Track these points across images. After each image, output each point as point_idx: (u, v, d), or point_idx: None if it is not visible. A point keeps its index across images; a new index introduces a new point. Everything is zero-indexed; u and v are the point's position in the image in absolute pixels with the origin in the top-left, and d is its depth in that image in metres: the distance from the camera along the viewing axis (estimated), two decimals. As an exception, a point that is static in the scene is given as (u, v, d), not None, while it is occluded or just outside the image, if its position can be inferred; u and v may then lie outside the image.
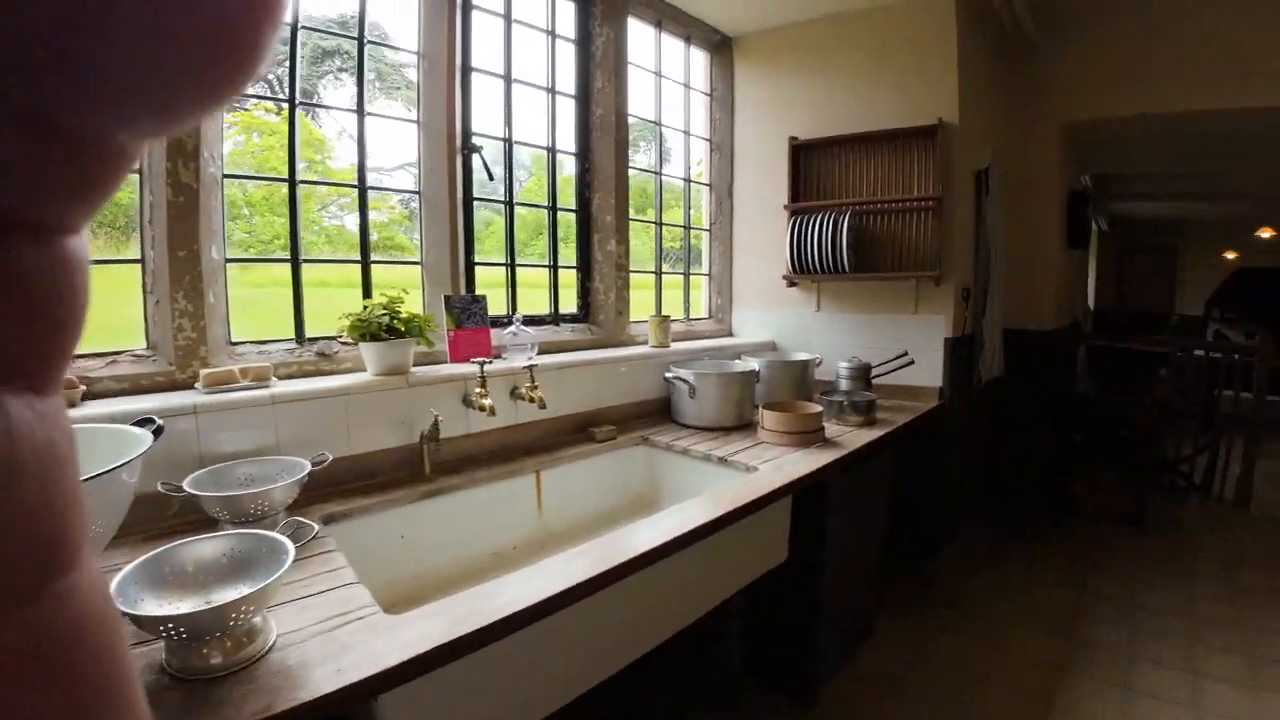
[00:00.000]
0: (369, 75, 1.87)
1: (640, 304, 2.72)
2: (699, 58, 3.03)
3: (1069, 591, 2.88)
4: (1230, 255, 9.04)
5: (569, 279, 2.51)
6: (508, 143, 2.22)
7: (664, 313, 2.52)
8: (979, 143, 2.78)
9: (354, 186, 1.85)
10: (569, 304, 2.51)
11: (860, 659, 2.30)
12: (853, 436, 2.09)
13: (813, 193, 2.85)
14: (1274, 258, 8.63)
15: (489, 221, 2.39)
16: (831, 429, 2.16)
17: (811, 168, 2.86)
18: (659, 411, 2.35)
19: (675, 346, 2.53)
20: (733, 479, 1.75)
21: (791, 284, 2.88)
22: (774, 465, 1.77)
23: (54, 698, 0.15)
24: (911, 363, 2.56)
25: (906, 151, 2.64)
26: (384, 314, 1.60)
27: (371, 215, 1.89)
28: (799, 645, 2.00)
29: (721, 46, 3.03)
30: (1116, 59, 3.13)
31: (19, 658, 0.14)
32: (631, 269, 2.60)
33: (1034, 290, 3.40)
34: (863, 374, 2.52)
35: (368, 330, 1.59)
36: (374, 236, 1.93)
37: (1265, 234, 7.25)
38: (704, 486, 1.78)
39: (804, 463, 1.79)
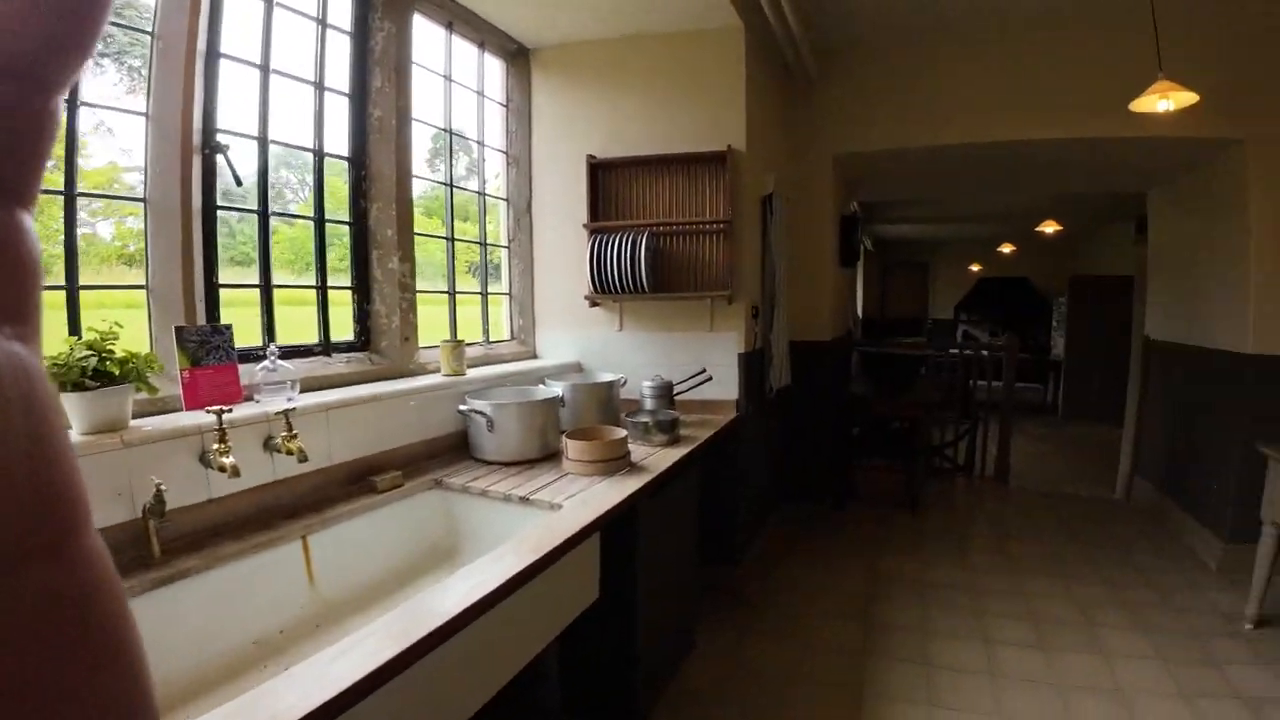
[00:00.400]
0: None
1: (434, 327, 2.53)
2: (494, 66, 2.93)
3: (863, 577, 3.17)
4: (975, 267, 10.78)
5: (343, 300, 2.22)
6: (262, 142, 1.92)
7: (459, 337, 2.34)
8: (764, 170, 2.99)
9: (60, 193, 1.48)
10: (344, 330, 2.21)
11: (684, 674, 2.31)
12: (659, 458, 2.10)
13: (612, 212, 2.87)
14: (1010, 269, 10.50)
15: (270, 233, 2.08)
16: (638, 451, 2.16)
17: (610, 186, 2.88)
18: (455, 448, 2.17)
19: (473, 373, 2.36)
20: (536, 520, 1.64)
21: (594, 304, 2.88)
22: (580, 500, 1.70)
23: (71, 651, 0.16)
24: (710, 379, 2.67)
25: (699, 175, 2.76)
26: (89, 354, 1.29)
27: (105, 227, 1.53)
28: (619, 678, 1.95)
29: (518, 56, 2.95)
30: (879, 98, 3.54)
31: (41, 611, 0.15)
32: (421, 289, 2.40)
33: (813, 305, 3.74)
34: (666, 392, 2.57)
35: (67, 378, 1.27)
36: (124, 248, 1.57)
37: (1006, 249, 8.76)
38: (507, 531, 1.65)
39: (611, 493, 1.75)
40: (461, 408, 2.08)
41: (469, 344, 2.47)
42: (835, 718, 2.12)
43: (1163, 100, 2.36)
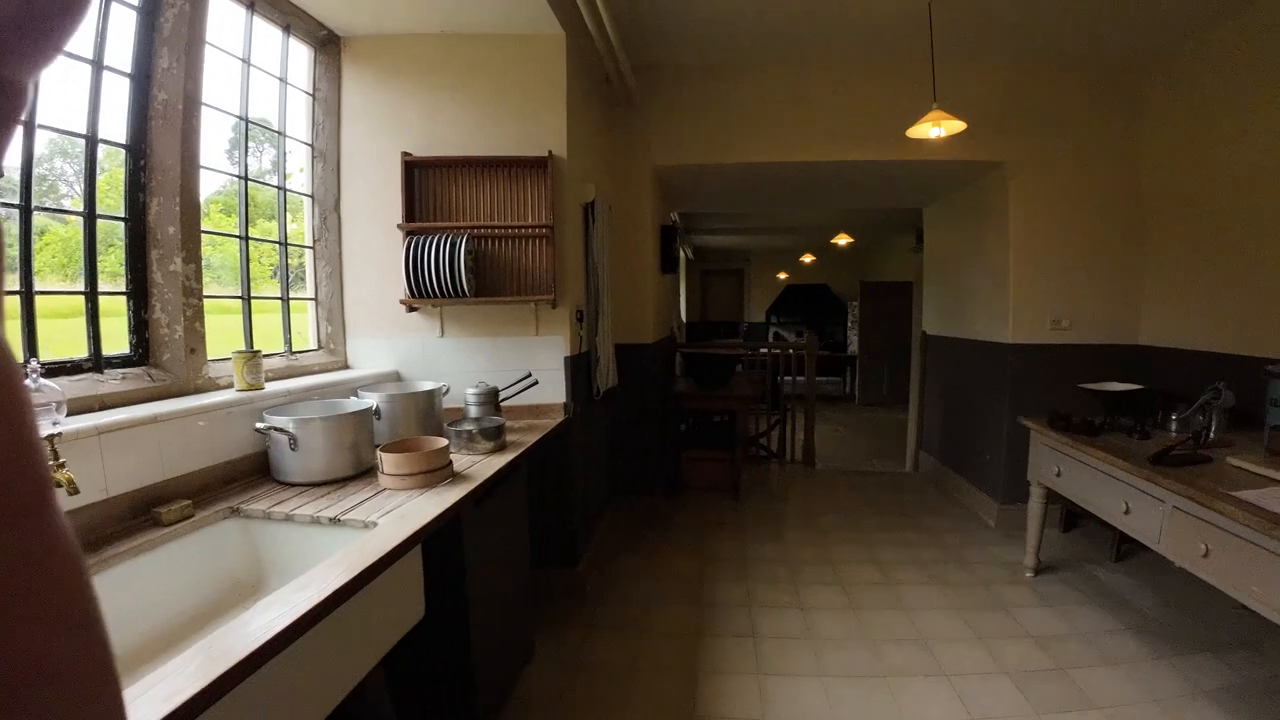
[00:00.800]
0: None
1: (227, 336, 2.24)
2: (301, 53, 2.67)
3: (693, 561, 3.31)
4: (782, 275, 11.85)
5: (117, 308, 1.89)
6: (28, 126, 1.56)
7: (255, 347, 2.08)
8: (586, 178, 3.03)
9: None
10: (119, 342, 1.89)
11: (526, 683, 2.25)
12: (484, 465, 2.04)
13: (430, 213, 2.75)
14: (812, 276, 11.71)
15: (42, 229, 1.72)
16: (462, 460, 2.08)
17: (428, 187, 2.76)
18: (256, 471, 1.93)
19: (274, 387, 2.11)
20: (349, 541, 1.51)
21: (412, 309, 2.73)
22: (397, 515, 1.59)
23: (39, 610, 0.17)
24: (536, 383, 2.65)
25: (521, 179, 2.73)
26: None
27: None
28: (455, 698, 1.85)
29: (328, 44, 2.72)
30: (694, 117, 3.76)
31: (10, 569, 0.16)
32: (213, 294, 2.12)
33: (636, 309, 3.87)
34: (491, 399, 2.50)
35: None
36: None
37: (807, 259, 9.75)
38: (318, 556, 1.49)
39: (430, 505, 1.65)
40: (259, 426, 1.85)
41: (268, 355, 2.22)
42: (674, 698, 2.18)
43: (935, 127, 2.73)
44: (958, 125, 2.67)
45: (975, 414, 4.19)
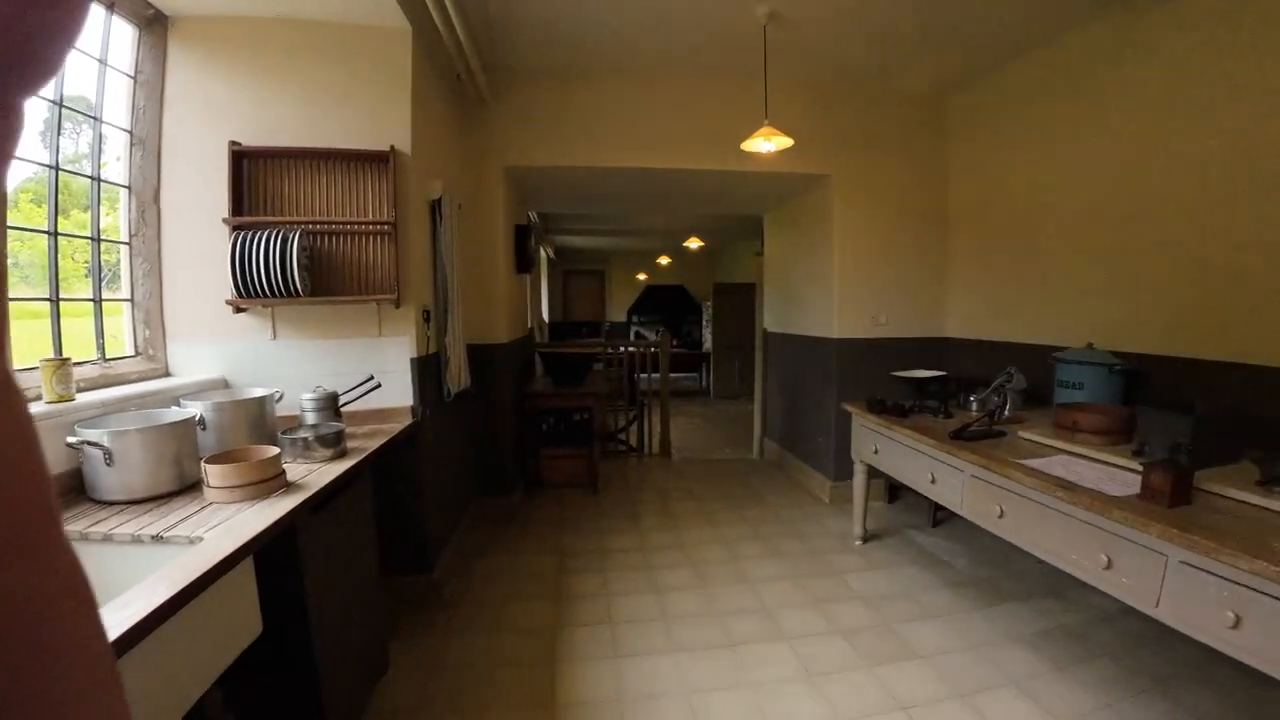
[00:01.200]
0: None
1: (32, 342, 1.99)
2: (124, 31, 2.36)
3: (552, 557, 3.34)
4: (642, 276, 12.19)
5: None
6: None
7: (64, 355, 1.84)
8: (432, 174, 2.95)
9: None
10: None
11: (381, 696, 2.17)
12: (321, 473, 1.94)
13: (260, 207, 2.55)
14: (670, 278, 12.15)
15: None
16: (297, 470, 1.97)
17: (259, 179, 2.56)
18: (68, 490, 1.71)
19: (86, 398, 1.89)
20: (174, 558, 1.38)
21: (240, 310, 2.53)
22: (224, 529, 1.49)
23: (27, 656, 0.16)
24: (379, 386, 2.56)
25: (361, 174, 2.62)
26: None
27: None
28: (301, 714, 1.75)
29: (154, 24, 2.43)
30: (545, 118, 3.77)
31: (11, 611, 0.15)
32: (15, 296, 1.83)
33: (489, 310, 3.83)
34: (330, 404, 2.38)
35: None
36: None
37: (664, 260, 10.08)
38: (141, 576, 1.36)
39: (261, 517, 1.56)
40: (71, 440, 1.64)
41: (79, 363, 1.97)
42: (535, 690, 2.20)
43: (766, 142, 2.96)
44: (786, 141, 2.92)
45: (809, 402, 4.59)
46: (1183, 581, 1.57)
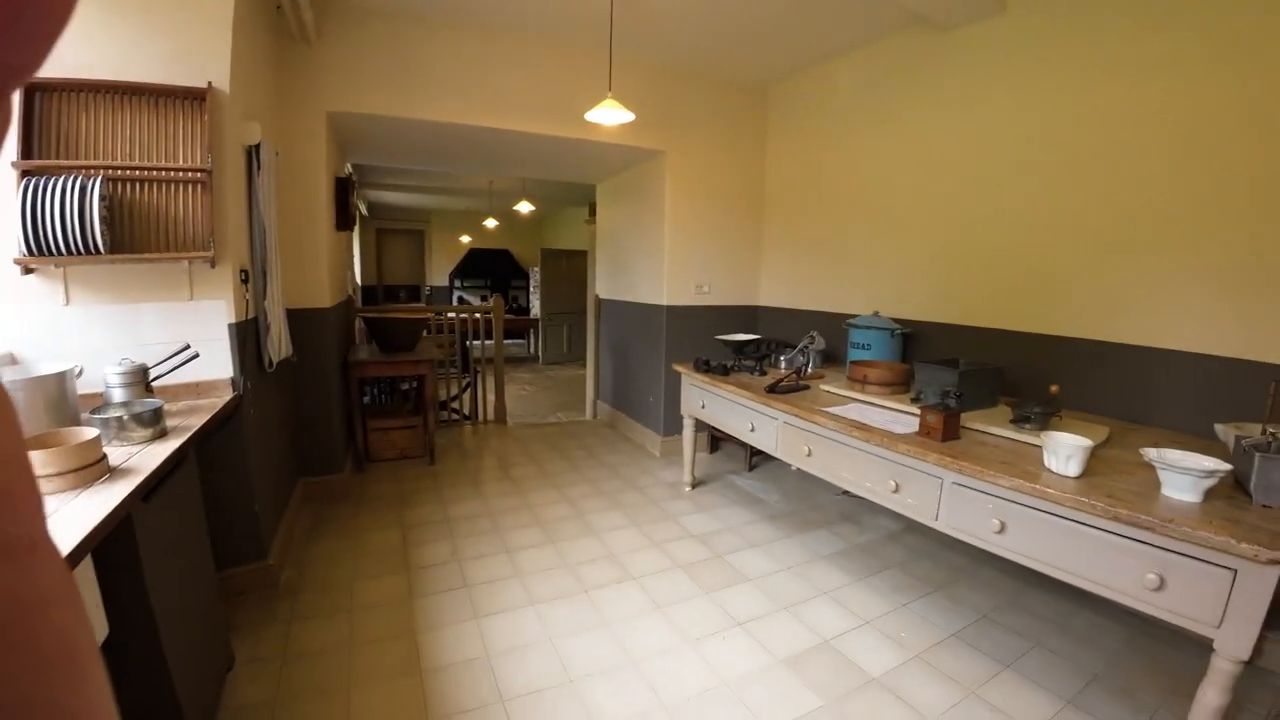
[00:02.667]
0: None
1: None
2: None
3: (395, 531, 3.27)
4: (465, 238, 11.70)
5: None
6: None
7: None
8: (250, 117, 2.64)
9: None
10: None
11: (231, 693, 2.02)
12: (145, 456, 1.76)
13: (54, 150, 2.14)
14: (495, 241, 11.79)
15: None
16: (117, 453, 1.76)
17: (51, 117, 2.13)
18: None
19: None
20: None
21: (29, 271, 2.13)
22: (53, 524, 1.31)
23: (14, 667, 0.15)
24: (196, 356, 2.31)
25: (172, 113, 2.28)
26: None
27: None
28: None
29: None
30: (377, 63, 3.47)
31: (10, 604, 0.15)
32: None
33: (310, 270, 3.52)
34: (140, 378, 2.12)
35: None
36: None
37: (490, 223, 9.74)
38: None
39: (93, 507, 1.40)
40: None
41: None
42: (399, 661, 2.20)
43: (610, 113, 3.04)
44: (627, 115, 3.05)
45: (640, 365, 4.89)
46: (956, 498, 2.02)
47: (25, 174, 2.04)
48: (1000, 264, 3.02)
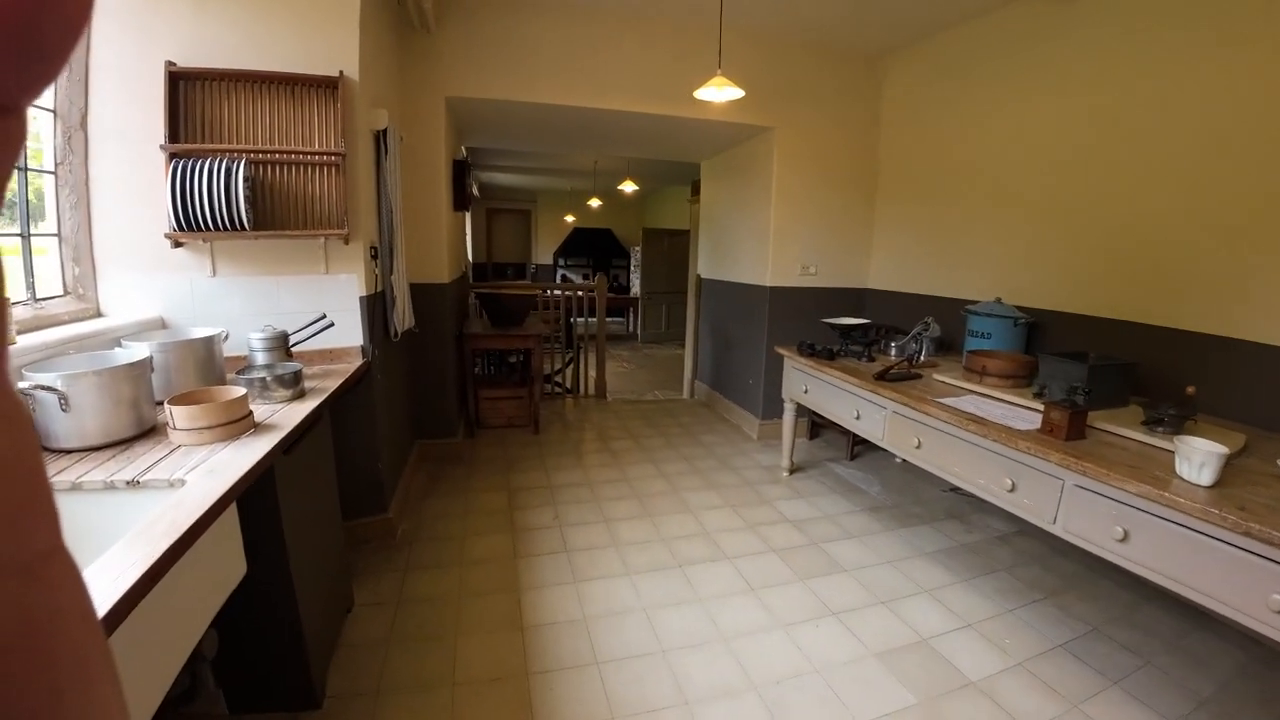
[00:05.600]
0: None
1: None
2: None
3: (502, 494, 3.45)
4: (570, 218, 11.97)
5: None
6: None
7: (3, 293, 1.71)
8: (378, 103, 2.84)
9: None
10: None
11: (351, 634, 2.23)
12: (286, 414, 1.95)
13: (198, 134, 2.39)
14: (598, 221, 11.99)
15: None
16: (261, 410, 1.97)
17: (196, 103, 2.38)
18: None
19: (24, 341, 1.79)
20: (156, 503, 1.38)
21: (178, 245, 2.41)
22: (205, 470, 1.48)
23: (29, 688, 0.14)
24: (332, 325, 2.52)
25: (307, 101, 2.49)
26: None
27: None
28: (286, 655, 1.81)
29: None
30: (491, 49, 3.63)
31: (10, 631, 0.14)
32: None
33: (431, 247, 3.75)
34: (281, 343, 2.34)
35: None
36: None
37: (594, 203, 9.93)
38: (123, 524, 1.35)
39: (241, 458, 1.57)
40: (22, 386, 1.56)
41: (14, 303, 1.85)
42: (502, 614, 2.34)
43: (718, 91, 3.00)
44: (737, 92, 3.00)
45: (740, 346, 4.83)
46: (1077, 502, 1.88)
47: (173, 157, 2.29)
48: (1133, 252, 2.72)
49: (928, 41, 3.90)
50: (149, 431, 1.76)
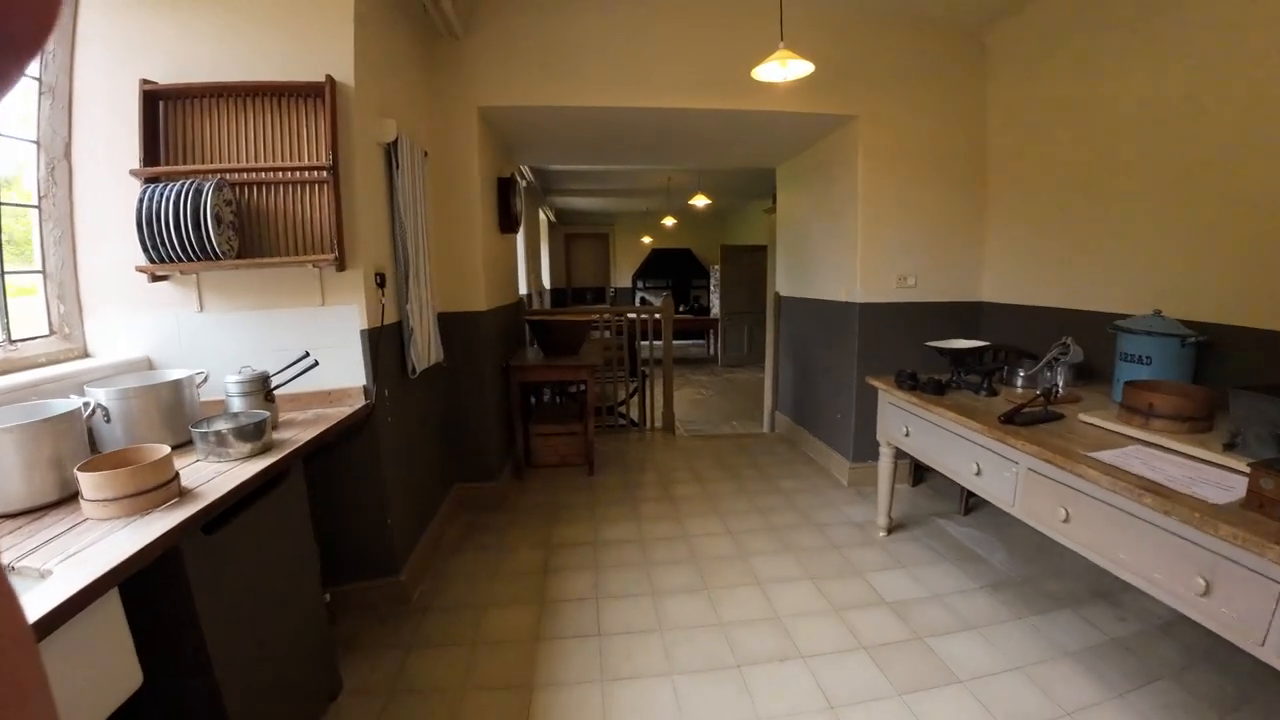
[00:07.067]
0: None
1: None
2: None
3: (539, 552, 2.99)
4: (646, 239, 11.64)
5: None
6: None
7: None
8: (383, 113, 2.50)
9: None
10: None
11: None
12: (231, 476, 1.58)
13: (180, 155, 2.15)
14: (676, 240, 11.63)
15: None
16: (206, 471, 1.62)
17: (179, 124, 2.15)
18: None
19: None
20: (25, 595, 1.04)
21: (157, 279, 2.14)
22: (81, 559, 1.14)
23: None
24: (315, 364, 2.16)
25: (295, 112, 2.19)
26: None
27: None
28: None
29: None
30: (525, 52, 3.28)
31: None
32: None
33: (466, 273, 3.39)
34: (260, 387, 2.01)
35: None
36: None
37: (669, 222, 9.50)
38: None
39: (130, 540, 1.20)
40: None
41: None
42: (502, 728, 1.85)
43: (781, 68, 2.46)
44: (804, 66, 2.44)
45: (826, 374, 4.17)
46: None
47: (148, 181, 2.02)
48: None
49: (1037, 2, 3.16)
50: (71, 498, 1.44)
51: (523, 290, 6.77)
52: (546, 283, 9.91)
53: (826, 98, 3.44)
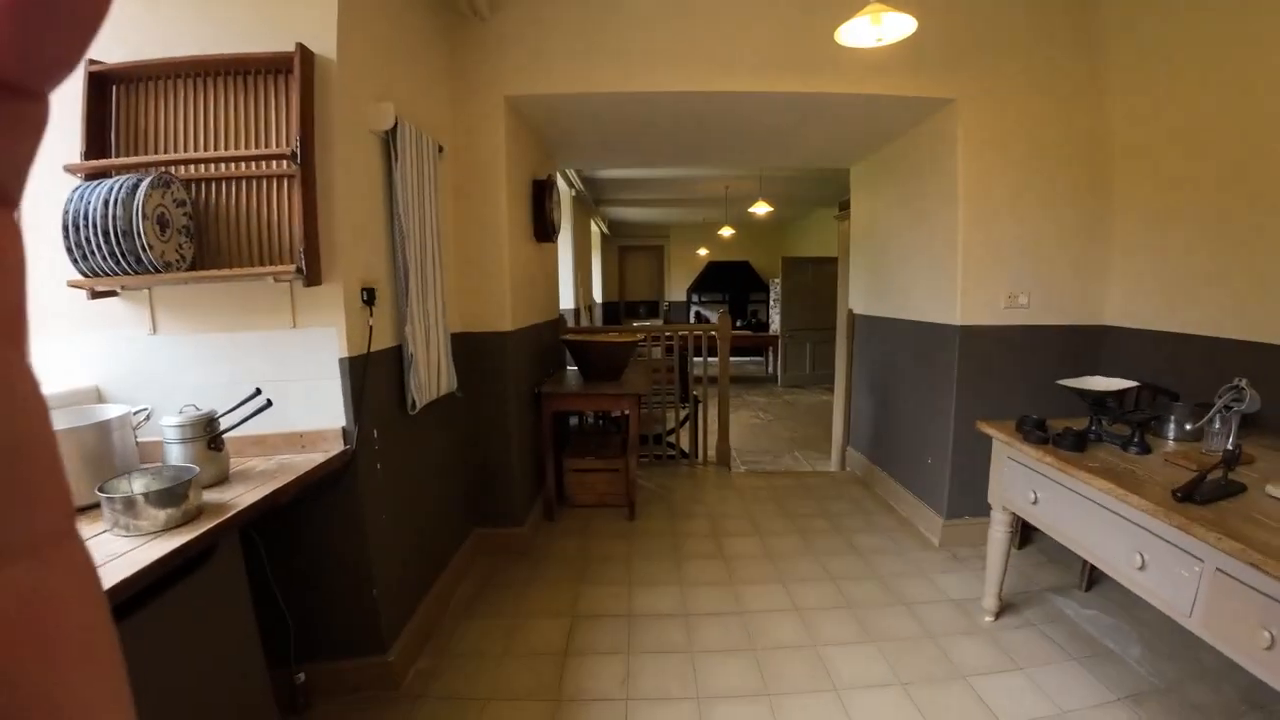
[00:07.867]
0: None
1: None
2: None
3: (563, 622, 2.49)
4: (703, 251, 11.11)
5: None
6: None
7: None
8: (377, 95, 2.08)
9: None
10: None
11: None
12: (133, 558, 1.17)
13: (135, 147, 1.78)
14: (733, 253, 11.04)
15: None
16: (112, 546, 1.24)
17: (134, 110, 1.78)
18: None
19: None
20: None
21: (99, 293, 1.76)
22: None
23: (34, 667, 0.14)
24: (269, 404, 1.71)
25: (264, 91, 1.79)
26: None
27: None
28: None
29: None
30: (557, 31, 2.82)
31: (18, 608, 0.14)
32: None
33: (489, 288, 2.93)
34: (202, 431, 1.59)
35: None
36: None
37: (726, 232, 8.92)
38: None
39: None
40: None
41: None
42: None
43: (874, 27, 1.92)
44: (905, 21, 1.89)
45: (915, 408, 3.53)
46: None
47: (89, 178, 1.64)
48: None
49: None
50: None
51: (568, 305, 6.35)
52: (598, 296, 9.51)
53: (916, 77, 2.85)
